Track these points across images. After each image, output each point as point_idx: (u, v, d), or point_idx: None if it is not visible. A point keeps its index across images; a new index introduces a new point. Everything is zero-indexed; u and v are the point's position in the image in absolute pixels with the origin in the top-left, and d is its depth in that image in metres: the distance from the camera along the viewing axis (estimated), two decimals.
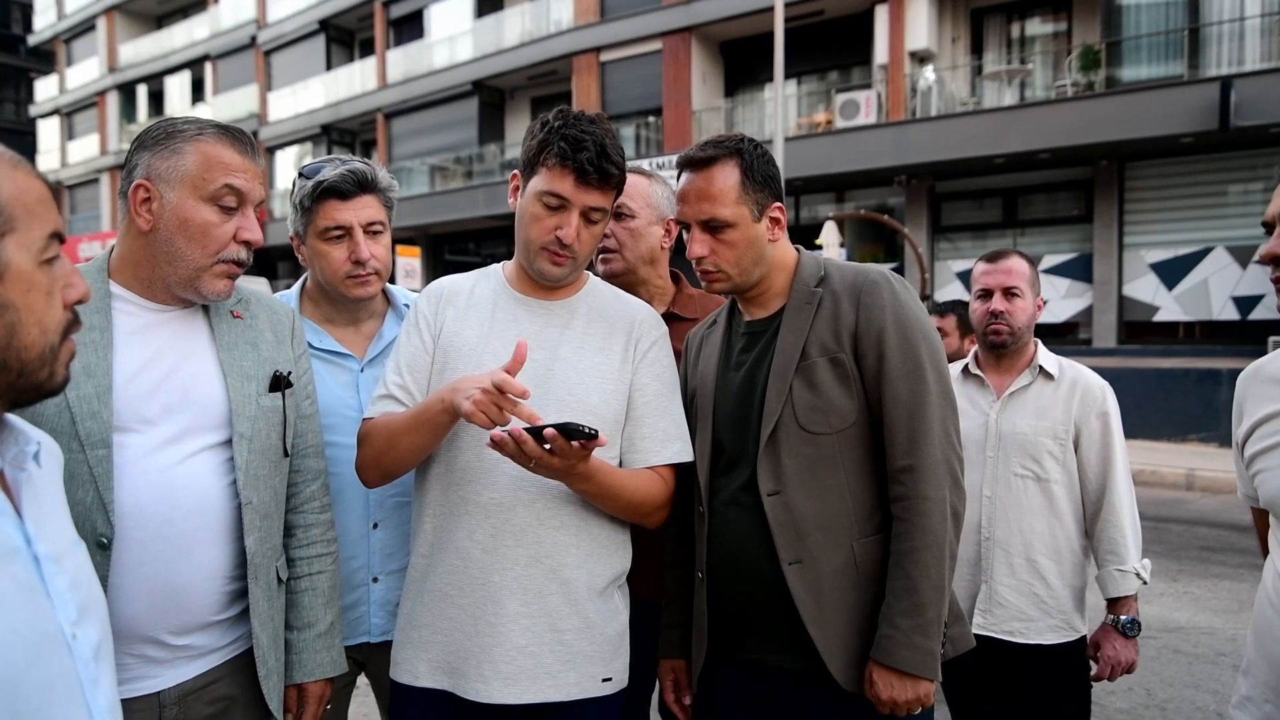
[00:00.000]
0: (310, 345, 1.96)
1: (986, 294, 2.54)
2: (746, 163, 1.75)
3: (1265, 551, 1.76)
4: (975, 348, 2.66)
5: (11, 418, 1.00)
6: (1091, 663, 2.48)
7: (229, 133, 1.57)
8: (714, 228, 1.75)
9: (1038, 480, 2.43)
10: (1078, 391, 2.46)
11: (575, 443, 1.51)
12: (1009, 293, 2.51)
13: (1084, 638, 2.47)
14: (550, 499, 1.71)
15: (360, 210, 2.01)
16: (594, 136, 1.70)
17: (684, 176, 1.80)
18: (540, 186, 1.74)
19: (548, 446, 1.51)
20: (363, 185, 2.01)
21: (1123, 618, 2.42)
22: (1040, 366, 2.52)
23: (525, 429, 1.51)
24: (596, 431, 1.50)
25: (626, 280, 2.26)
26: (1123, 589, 2.41)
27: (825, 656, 1.67)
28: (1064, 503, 2.44)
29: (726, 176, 1.74)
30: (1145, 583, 2.43)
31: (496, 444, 1.53)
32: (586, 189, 1.72)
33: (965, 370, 2.62)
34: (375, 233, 2.04)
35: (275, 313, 1.79)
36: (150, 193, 1.52)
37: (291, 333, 1.79)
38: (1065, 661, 2.42)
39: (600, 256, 2.27)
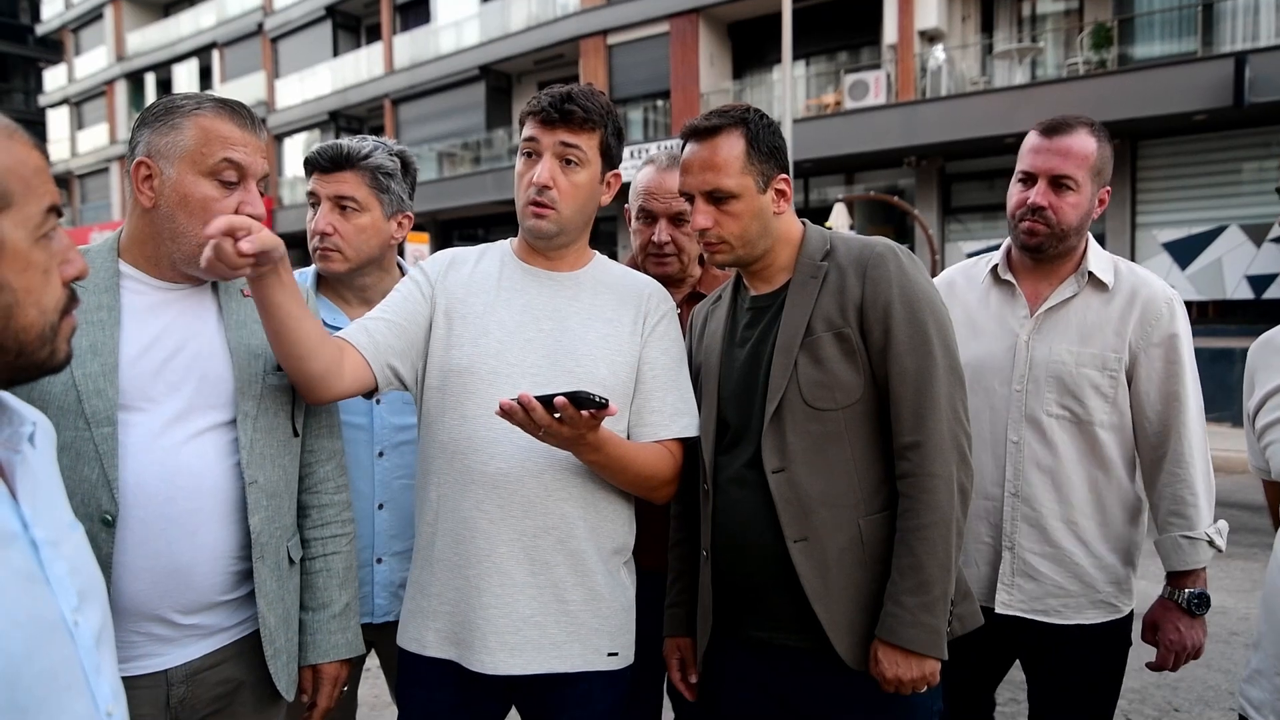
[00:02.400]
0: (324, 324, 1.94)
1: (1029, 178, 1.95)
2: (752, 133, 1.72)
3: (1277, 525, 1.74)
4: (1007, 242, 2.10)
5: (7, 397, 0.96)
6: (1144, 645, 2.06)
7: (227, 106, 1.55)
8: (718, 199, 1.72)
9: (1076, 422, 1.94)
10: (1136, 307, 1.93)
11: (585, 412, 1.50)
12: (1058, 183, 1.91)
13: (1130, 614, 2.03)
14: (558, 470, 1.71)
15: (336, 184, 2.04)
16: (566, 88, 1.75)
17: (688, 147, 1.77)
18: (519, 140, 1.79)
19: (557, 415, 1.50)
20: (338, 161, 2.05)
21: (1188, 591, 1.95)
22: (1089, 272, 1.96)
23: (536, 397, 1.49)
24: (607, 401, 1.49)
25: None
26: (1190, 561, 1.93)
27: (831, 635, 1.65)
28: (1112, 449, 1.96)
29: (731, 146, 1.71)
30: (1220, 550, 1.94)
31: (505, 412, 1.52)
32: (551, 128, 1.74)
33: (994, 273, 2.08)
34: (347, 208, 2.05)
35: None
36: (151, 170, 1.51)
37: None
38: (1105, 641, 1.99)
39: (654, 259, 2.27)
